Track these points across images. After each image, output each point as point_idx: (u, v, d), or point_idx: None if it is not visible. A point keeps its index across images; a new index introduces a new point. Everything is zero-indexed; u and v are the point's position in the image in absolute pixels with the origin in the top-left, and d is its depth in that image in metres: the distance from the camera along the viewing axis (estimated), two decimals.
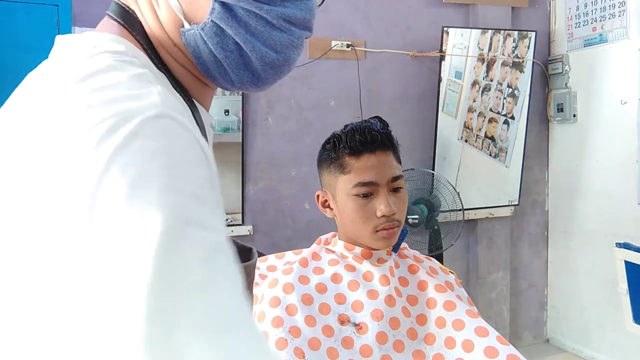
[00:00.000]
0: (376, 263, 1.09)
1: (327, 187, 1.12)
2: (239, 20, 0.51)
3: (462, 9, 2.88)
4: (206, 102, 0.59)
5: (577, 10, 2.93)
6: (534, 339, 3.20)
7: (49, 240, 0.36)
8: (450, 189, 2.59)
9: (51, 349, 0.35)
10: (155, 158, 0.38)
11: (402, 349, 0.99)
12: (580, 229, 2.96)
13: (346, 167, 1.06)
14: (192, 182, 0.40)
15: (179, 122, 0.42)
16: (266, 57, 0.54)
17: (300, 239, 2.55)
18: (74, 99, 0.41)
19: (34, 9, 2.02)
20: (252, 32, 0.52)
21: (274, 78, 0.58)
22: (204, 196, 0.40)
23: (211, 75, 0.55)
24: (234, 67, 0.54)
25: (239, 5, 0.50)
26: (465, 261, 3.02)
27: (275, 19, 0.52)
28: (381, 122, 1.09)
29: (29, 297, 0.36)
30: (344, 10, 2.65)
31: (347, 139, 1.06)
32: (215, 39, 0.51)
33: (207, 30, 0.51)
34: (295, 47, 0.56)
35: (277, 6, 0.52)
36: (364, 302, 1.02)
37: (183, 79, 0.55)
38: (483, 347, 0.96)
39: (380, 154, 1.06)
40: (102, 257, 0.35)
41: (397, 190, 1.07)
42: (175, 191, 0.38)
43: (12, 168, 0.41)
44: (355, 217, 1.05)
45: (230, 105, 2.46)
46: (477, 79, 2.78)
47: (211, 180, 0.43)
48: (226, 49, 0.52)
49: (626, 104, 2.66)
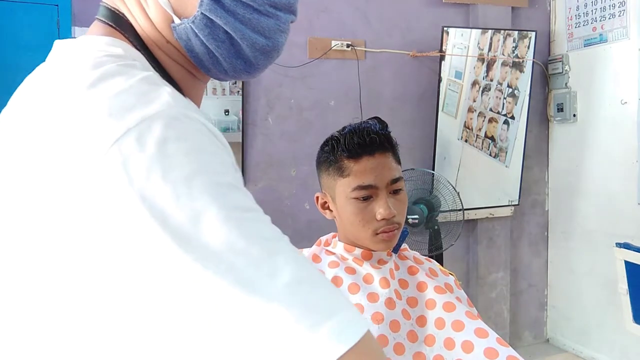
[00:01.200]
0: (376, 265, 1.08)
1: (326, 189, 1.12)
2: (227, 10, 0.52)
3: (462, 9, 2.88)
4: (197, 97, 0.61)
5: (577, 10, 2.92)
6: (534, 339, 3.20)
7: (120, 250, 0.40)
8: (450, 189, 2.58)
9: None
10: (189, 158, 0.42)
11: (402, 352, 0.99)
12: (580, 229, 2.96)
13: (345, 170, 1.04)
14: (225, 173, 0.44)
15: (193, 118, 0.45)
16: (256, 43, 0.56)
17: (300, 239, 2.53)
18: (92, 106, 0.43)
19: (34, 9, 2.02)
20: (240, 20, 0.53)
21: (264, 63, 0.60)
22: (236, 182, 0.45)
23: (205, 67, 0.57)
24: (227, 56, 0.55)
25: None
26: (465, 261, 3.02)
27: (262, 6, 0.54)
28: (380, 123, 1.08)
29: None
30: (344, 10, 2.65)
31: (346, 142, 1.04)
32: (206, 30, 0.52)
33: (198, 22, 0.52)
34: (282, 32, 0.58)
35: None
36: (365, 305, 1.01)
37: (176, 75, 0.57)
38: (483, 349, 0.96)
39: (379, 156, 1.04)
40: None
41: (397, 192, 1.06)
42: (216, 185, 0.42)
43: (27, 174, 0.43)
44: (354, 220, 1.04)
45: (230, 105, 2.46)
46: (477, 79, 2.78)
47: (234, 164, 0.47)
48: (217, 39, 0.53)
49: (626, 104, 2.66)
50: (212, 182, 0.42)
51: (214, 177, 0.42)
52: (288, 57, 2.55)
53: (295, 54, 2.57)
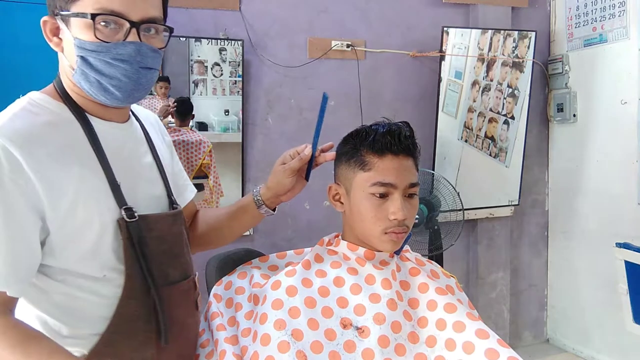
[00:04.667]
0: (378, 265, 1.08)
1: (342, 180, 1.12)
2: (90, 65, 0.87)
3: (462, 9, 2.88)
4: (107, 115, 0.95)
5: (577, 10, 2.92)
6: (534, 339, 3.20)
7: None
8: (450, 189, 2.59)
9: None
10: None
11: (403, 353, 0.99)
12: (580, 229, 2.96)
13: (367, 164, 1.06)
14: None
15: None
16: (116, 84, 0.88)
17: (300, 239, 2.55)
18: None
19: (34, 9, 2.01)
20: (99, 71, 0.87)
21: (132, 96, 0.91)
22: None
23: (96, 98, 0.90)
24: (101, 93, 0.89)
25: (87, 56, 0.86)
26: (465, 261, 3.02)
27: (112, 59, 0.87)
28: (409, 128, 1.10)
29: None
30: (344, 10, 2.65)
31: (374, 137, 1.06)
32: (83, 78, 0.89)
33: (79, 74, 0.89)
34: (130, 77, 0.88)
35: (108, 51, 0.86)
36: (366, 305, 1.02)
37: (85, 105, 0.93)
38: (484, 350, 0.96)
39: (402, 158, 1.07)
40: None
41: (411, 197, 1.08)
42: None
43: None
44: (367, 216, 1.05)
45: (230, 105, 2.46)
46: (477, 79, 2.78)
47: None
48: (95, 85, 0.89)
49: (626, 104, 2.66)
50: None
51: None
52: (288, 57, 2.55)
53: (295, 54, 2.57)
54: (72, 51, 0.87)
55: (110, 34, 0.86)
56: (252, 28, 2.47)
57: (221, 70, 2.41)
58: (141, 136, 1.04)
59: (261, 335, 0.98)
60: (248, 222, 1.22)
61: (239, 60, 2.43)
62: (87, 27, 0.85)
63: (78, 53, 0.87)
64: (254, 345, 0.98)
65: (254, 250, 1.28)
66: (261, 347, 0.96)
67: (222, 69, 2.41)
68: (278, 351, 0.94)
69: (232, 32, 2.43)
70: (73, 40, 0.86)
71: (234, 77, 2.44)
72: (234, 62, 2.42)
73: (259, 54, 2.50)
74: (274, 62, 2.53)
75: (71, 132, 0.90)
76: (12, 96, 0.94)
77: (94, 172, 0.90)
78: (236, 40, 2.41)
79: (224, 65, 2.41)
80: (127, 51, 0.86)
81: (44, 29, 0.90)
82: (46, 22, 0.90)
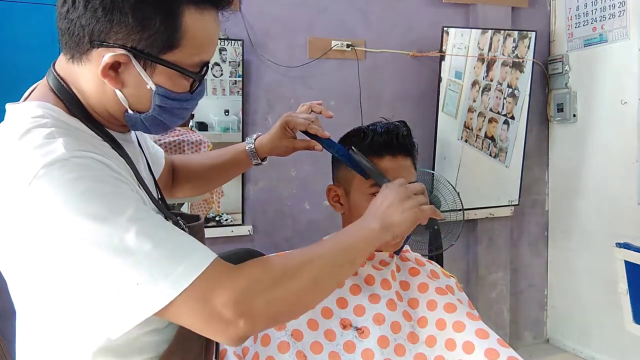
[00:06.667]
0: (378, 266, 1.08)
1: (341, 181, 1.12)
2: (166, 110, 0.79)
3: (462, 9, 2.88)
4: (117, 127, 0.84)
5: (577, 10, 2.92)
6: (534, 339, 3.20)
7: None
8: (450, 189, 2.59)
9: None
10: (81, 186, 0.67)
11: (403, 353, 0.99)
12: (580, 229, 2.96)
13: None
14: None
15: (84, 155, 0.69)
16: (172, 121, 0.83)
17: (300, 239, 2.55)
18: (14, 153, 0.69)
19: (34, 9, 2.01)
20: (170, 113, 0.80)
21: (177, 123, 0.87)
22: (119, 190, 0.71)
23: (136, 129, 0.84)
24: (155, 129, 0.83)
25: (167, 104, 0.78)
26: (465, 261, 3.02)
27: (182, 102, 0.80)
28: (406, 127, 1.10)
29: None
30: (344, 10, 2.65)
31: (372, 138, 1.06)
32: (149, 120, 0.80)
33: (147, 117, 0.79)
34: (187, 109, 0.83)
35: (193, 99, 0.82)
36: (366, 306, 1.02)
37: (108, 126, 0.82)
38: (484, 349, 0.96)
39: (400, 159, 1.07)
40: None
41: None
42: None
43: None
44: None
45: (230, 105, 2.46)
46: (477, 79, 2.78)
47: (125, 174, 0.75)
48: (154, 124, 0.81)
49: (626, 104, 2.66)
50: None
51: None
52: (288, 57, 2.55)
53: (295, 54, 2.57)
54: (144, 96, 0.76)
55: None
56: (252, 28, 2.47)
57: (221, 70, 2.41)
58: (136, 140, 0.95)
59: (261, 336, 0.98)
60: (237, 172, 1.30)
61: (239, 60, 2.43)
62: (181, 78, 0.77)
63: (159, 103, 0.77)
64: (254, 346, 0.98)
65: (254, 250, 1.28)
66: (261, 347, 0.96)
67: (222, 69, 2.41)
68: (278, 352, 0.94)
69: (232, 32, 2.43)
70: (154, 87, 0.75)
71: (234, 77, 2.44)
72: (234, 62, 2.42)
73: (259, 54, 2.50)
74: (274, 62, 2.53)
75: (105, 150, 0.77)
76: (12, 96, 0.93)
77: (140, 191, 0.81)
78: (236, 40, 2.41)
79: (224, 65, 2.41)
80: (200, 98, 0.84)
81: (105, 64, 0.72)
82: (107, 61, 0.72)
